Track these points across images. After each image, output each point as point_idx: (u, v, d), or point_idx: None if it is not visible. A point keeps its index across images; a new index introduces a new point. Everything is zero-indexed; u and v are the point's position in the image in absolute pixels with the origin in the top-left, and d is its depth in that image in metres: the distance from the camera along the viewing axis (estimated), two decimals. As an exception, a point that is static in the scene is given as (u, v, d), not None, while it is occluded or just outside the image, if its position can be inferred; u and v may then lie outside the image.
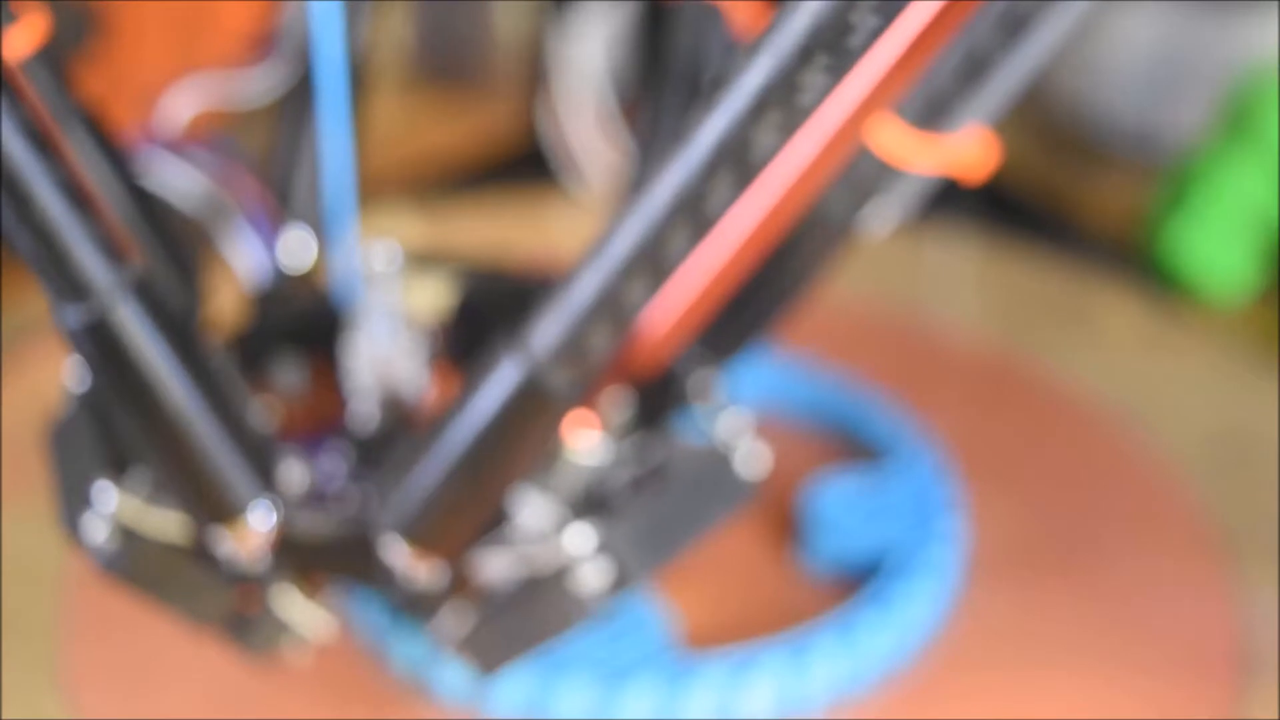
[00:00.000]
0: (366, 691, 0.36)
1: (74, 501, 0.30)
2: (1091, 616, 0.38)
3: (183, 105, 0.38)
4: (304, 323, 0.36)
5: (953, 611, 0.38)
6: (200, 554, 0.31)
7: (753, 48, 0.22)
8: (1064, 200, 0.60)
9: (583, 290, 0.25)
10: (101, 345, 0.26)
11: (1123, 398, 0.48)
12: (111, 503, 0.30)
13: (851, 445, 0.45)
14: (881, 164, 0.31)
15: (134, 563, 0.30)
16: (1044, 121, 0.65)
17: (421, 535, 0.30)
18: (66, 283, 0.26)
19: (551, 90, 0.62)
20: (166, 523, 0.30)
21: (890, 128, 0.30)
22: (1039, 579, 0.40)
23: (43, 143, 0.25)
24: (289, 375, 0.36)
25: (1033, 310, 0.53)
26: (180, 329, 0.27)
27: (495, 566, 0.31)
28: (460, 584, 0.31)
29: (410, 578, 0.30)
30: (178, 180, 0.37)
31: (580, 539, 0.30)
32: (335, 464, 0.33)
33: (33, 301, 0.53)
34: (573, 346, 0.26)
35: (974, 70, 0.29)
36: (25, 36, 0.33)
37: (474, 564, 0.31)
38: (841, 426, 0.45)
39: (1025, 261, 0.55)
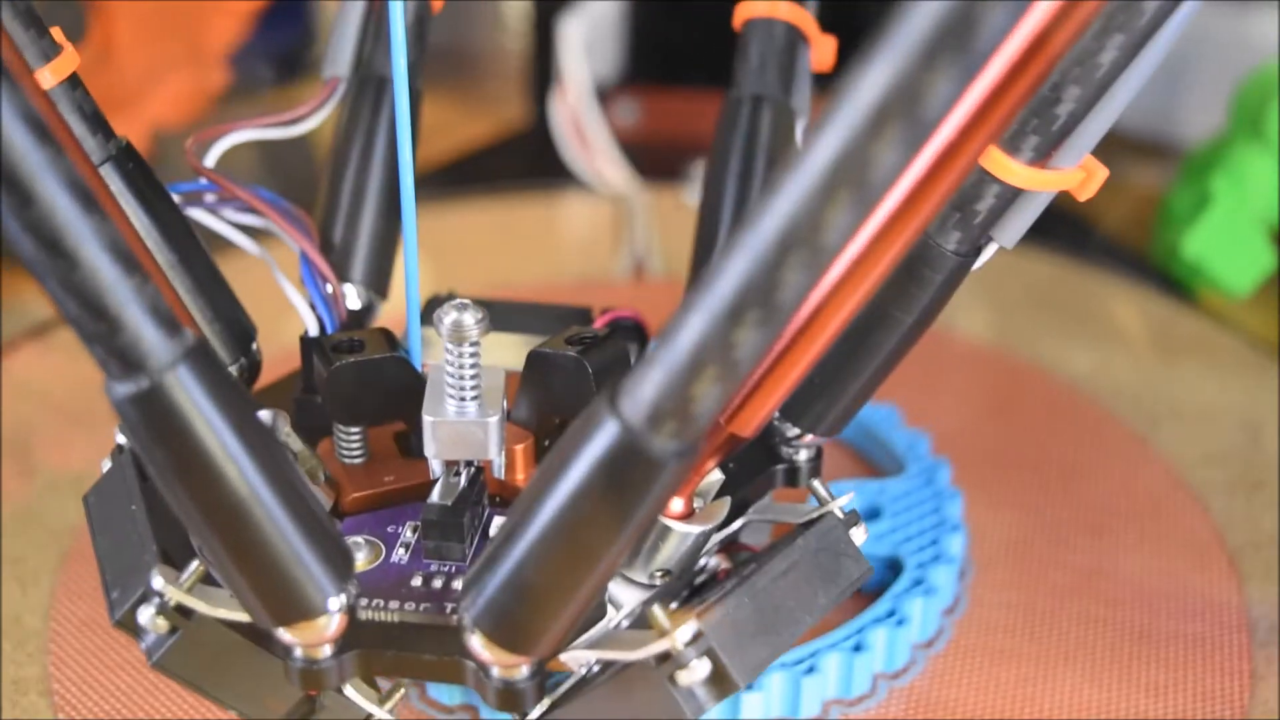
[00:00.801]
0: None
1: (123, 593, 0.28)
2: (1095, 619, 0.38)
3: (222, 143, 0.34)
4: (365, 384, 0.31)
5: (956, 614, 0.38)
6: (262, 652, 0.28)
7: (869, 53, 0.20)
8: (1071, 195, 0.60)
9: (687, 339, 0.22)
10: (154, 423, 0.23)
11: (1130, 395, 0.47)
12: (165, 596, 0.27)
13: (854, 453, 0.44)
14: (995, 189, 0.29)
15: (189, 660, 0.28)
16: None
17: (510, 633, 0.26)
18: (117, 355, 0.23)
19: (559, 84, 0.61)
20: (224, 617, 0.27)
21: (1003, 158, 0.28)
22: (1042, 582, 0.39)
23: (89, 196, 0.21)
24: (350, 442, 0.32)
25: (1040, 307, 0.53)
26: (241, 406, 0.24)
27: (589, 661, 0.28)
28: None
29: (500, 678, 0.27)
30: (224, 225, 0.34)
31: (684, 633, 0.27)
32: (405, 543, 0.30)
33: (32, 302, 0.52)
34: (677, 405, 0.22)
35: (1094, 97, 0.27)
36: (57, 67, 0.31)
37: (568, 659, 0.28)
38: (845, 435, 0.44)
39: (1032, 257, 0.54)
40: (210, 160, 0.34)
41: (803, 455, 0.33)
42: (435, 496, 0.30)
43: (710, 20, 0.67)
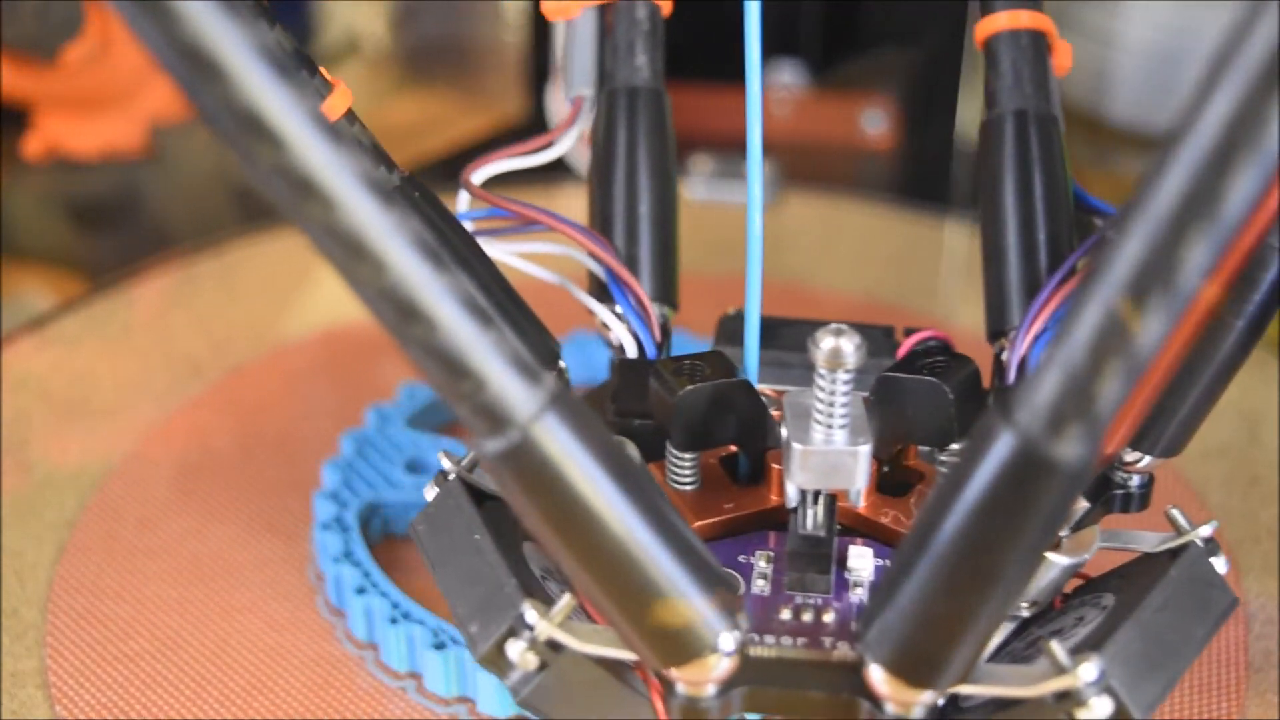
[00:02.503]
0: (358, 690, 0.36)
1: (484, 628, 0.27)
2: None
3: (481, 173, 0.34)
4: (713, 409, 0.30)
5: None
6: (627, 688, 0.27)
7: (1248, 18, 0.19)
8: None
9: (1084, 331, 0.20)
10: (528, 476, 0.23)
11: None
12: (536, 631, 0.26)
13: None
14: None
15: (554, 696, 0.27)
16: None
17: (915, 665, 0.25)
18: (484, 412, 0.22)
19: (558, 78, 0.61)
20: (598, 654, 0.27)
21: None
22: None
23: (438, 254, 0.21)
24: (684, 469, 0.31)
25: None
26: (610, 445, 0.23)
27: (981, 697, 0.27)
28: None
29: (898, 717, 0.26)
30: (504, 253, 0.34)
31: (1087, 671, 0.25)
32: (762, 574, 0.29)
33: (30, 295, 0.52)
34: (1079, 405, 0.21)
35: None
36: (333, 105, 0.31)
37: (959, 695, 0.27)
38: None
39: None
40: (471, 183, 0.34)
41: (1135, 481, 0.32)
42: (799, 527, 0.29)
43: (710, 15, 0.67)
